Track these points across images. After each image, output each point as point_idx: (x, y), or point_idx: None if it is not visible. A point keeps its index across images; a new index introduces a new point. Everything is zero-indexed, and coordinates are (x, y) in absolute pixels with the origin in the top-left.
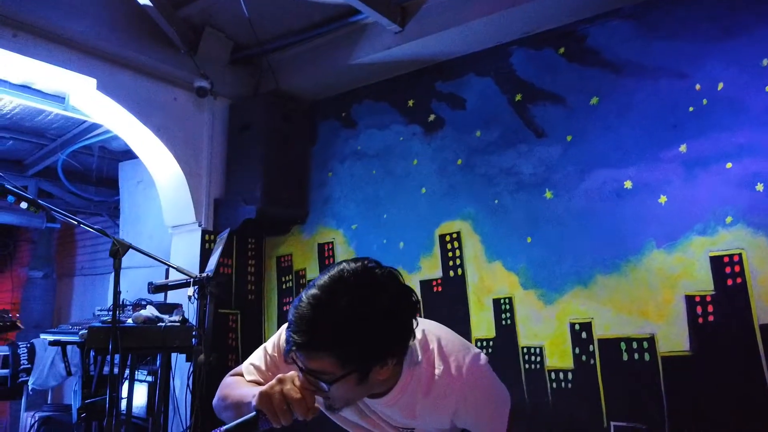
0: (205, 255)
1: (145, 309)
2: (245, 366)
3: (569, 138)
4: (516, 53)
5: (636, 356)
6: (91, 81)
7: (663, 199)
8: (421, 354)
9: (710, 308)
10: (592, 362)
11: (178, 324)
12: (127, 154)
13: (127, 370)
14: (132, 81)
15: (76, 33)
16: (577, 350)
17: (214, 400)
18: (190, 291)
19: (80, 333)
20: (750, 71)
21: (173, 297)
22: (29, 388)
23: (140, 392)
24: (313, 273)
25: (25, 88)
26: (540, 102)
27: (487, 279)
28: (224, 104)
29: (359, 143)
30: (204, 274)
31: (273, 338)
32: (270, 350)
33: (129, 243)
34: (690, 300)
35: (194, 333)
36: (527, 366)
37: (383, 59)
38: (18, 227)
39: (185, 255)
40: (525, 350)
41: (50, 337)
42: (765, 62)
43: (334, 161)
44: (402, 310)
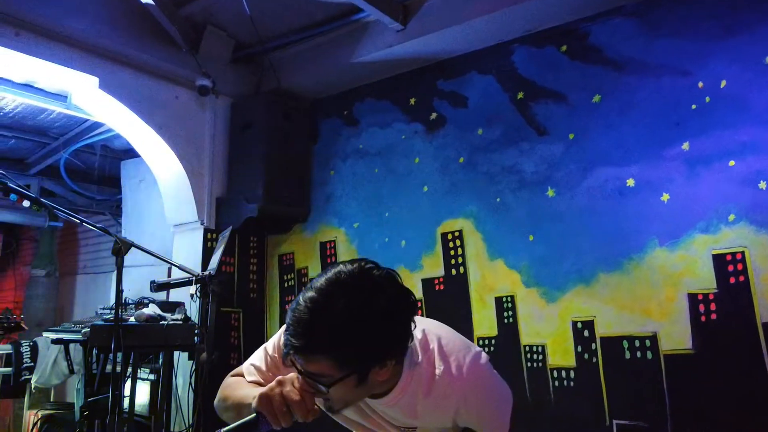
0: (207, 253)
1: (148, 307)
2: (246, 366)
3: (571, 136)
4: (518, 51)
5: (638, 354)
6: (93, 79)
7: (665, 197)
8: (422, 354)
9: (713, 306)
10: (595, 360)
11: (181, 322)
12: (129, 153)
13: (130, 369)
14: (134, 79)
15: (78, 31)
16: (580, 348)
17: (215, 401)
18: (193, 289)
19: (83, 331)
20: (753, 69)
21: (175, 295)
22: (32, 387)
23: (142, 390)
24: (315, 271)
25: (28, 87)
26: (542, 100)
27: (489, 277)
28: (226, 103)
29: (361, 141)
30: (206, 273)
31: (273, 339)
32: (270, 351)
33: (131, 241)
34: (692, 298)
35: (196, 331)
36: (529, 364)
37: (385, 57)
38: (20, 226)
39: (187, 253)
40: (527, 348)
41: (53, 336)
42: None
43: (336, 159)
44: (400, 312)
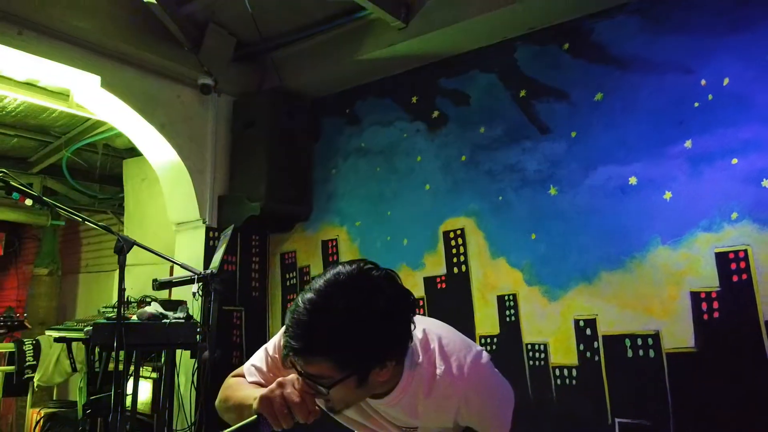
0: (210, 252)
1: (150, 306)
2: (247, 367)
3: (574, 134)
4: (520, 49)
5: (641, 353)
6: (95, 78)
7: (668, 195)
8: (422, 354)
9: (715, 305)
10: (597, 359)
11: (183, 321)
12: (132, 152)
13: (132, 367)
14: (136, 78)
15: (80, 30)
16: (582, 347)
17: (217, 401)
18: (195, 288)
19: (85, 330)
20: (756, 66)
21: (178, 294)
22: (35, 385)
23: (145, 389)
24: (317, 270)
25: (30, 86)
26: (544, 98)
27: (492, 276)
28: (228, 101)
29: (363, 140)
30: (208, 271)
31: (274, 339)
32: (271, 351)
33: (133, 240)
34: (695, 296)
35: (198, 330)
36: (531, 363)
37: (387, 55)
38: (23, 225)
39: (189, 252)
40: (529, 347)
41: (55, 334)
42: None
43: (338, 158)
44: (399, 312)
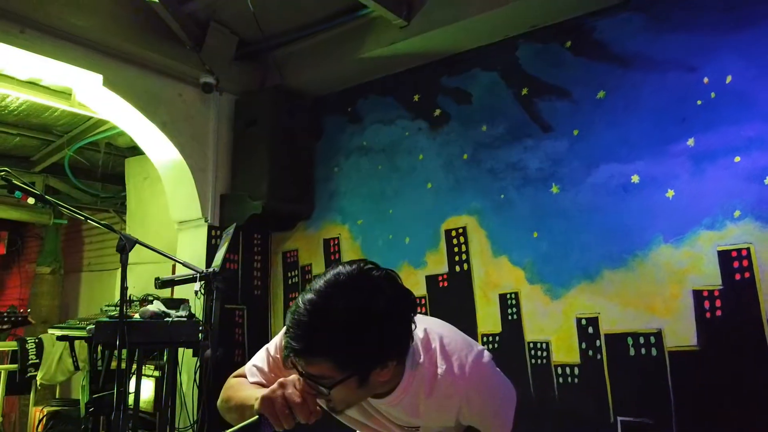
0: (212, 250)
1: (152, 304)
2: (248, 367)
3: (576, 132)
4: (522, 47)
5: (643, 351)
6: (97, 77)
7: (670, 194)
8: (423, 353)
9: (718, 303)
10: (599, 357)
11: (185, 319)
12: (134, 150)
13: (135, 365)
14: (138, 77)
15: (82, 29)
16: (584, 345)
17: (219, 402)
18: (197, 286)
19: (88, 328)
20: (758, 64)
21: (180, 292)
22: (37, 383)
23: (147, 387)
24: (319, 268)
25: (32, 85)
26: (546, 96)
27: (493, 274)
28: (230, 100)
29: (365, 138)
30: (210, 270)
31: (275, 339)
32: (272, 351)
33: (135, 238)
34: (697, 295)
35: (201, 328)
36: (533, 361)
37: (389, 54)
38: (25, 223)
39: (191, 250)
40: (531, 345)
41: (58, 332)
42: None
43: (340, 156)
44: (400, 312)
